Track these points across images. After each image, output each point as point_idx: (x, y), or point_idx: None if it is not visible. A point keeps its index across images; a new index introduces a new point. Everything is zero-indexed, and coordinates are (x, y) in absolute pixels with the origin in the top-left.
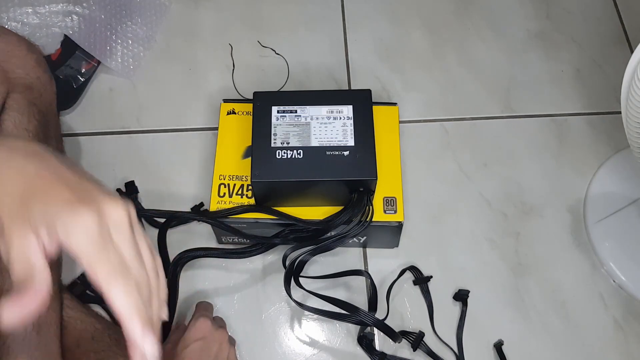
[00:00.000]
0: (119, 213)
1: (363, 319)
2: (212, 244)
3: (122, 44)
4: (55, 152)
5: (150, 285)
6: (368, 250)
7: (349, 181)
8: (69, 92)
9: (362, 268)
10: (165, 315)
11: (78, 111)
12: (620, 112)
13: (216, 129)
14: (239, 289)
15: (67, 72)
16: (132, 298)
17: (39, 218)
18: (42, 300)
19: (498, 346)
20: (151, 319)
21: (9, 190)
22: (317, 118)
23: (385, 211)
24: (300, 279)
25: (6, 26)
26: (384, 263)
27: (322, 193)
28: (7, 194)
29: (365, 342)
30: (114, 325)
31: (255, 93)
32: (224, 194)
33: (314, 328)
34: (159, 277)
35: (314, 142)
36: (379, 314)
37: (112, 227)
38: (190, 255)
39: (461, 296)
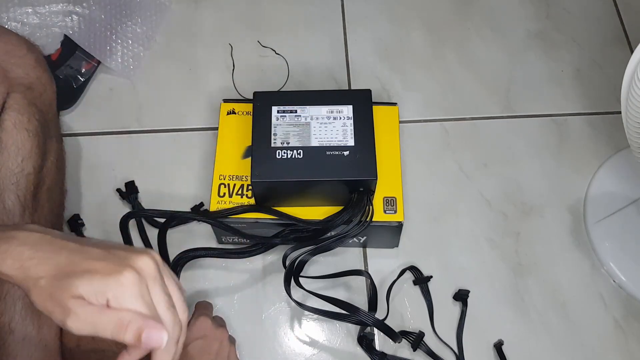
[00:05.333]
0: (148, 265)
1: (363, 319)
2: (212, 244)
3: (122, 44)
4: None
5: (182, 324)
6: (368, 250)
7: (349, 181)
8: (69, 92)
9: (362, 268)
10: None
11: (78, 111)
12: (620, 112)
13: (216, 129)
14: (239, 289)
15: (67, 72)
16: (169, 352)
17: (88, 291)
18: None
19: (498, 346)
20: (179, 351)
21: (41, 274)
22: (317, 118)
23: (385, 211)
24: (300, 279)
25: (6, 26)
26: (384, 263)
27: (322, 193)
28: (40, 277)
29: (365, 342)
30: None
31: (255, 93)
32: (224, 194)
33: (314, 328)
34: (188, 311)
35: (314, 142)
36: (379, 314)
37: (148, 280)
38: (190, 255)
39: (461, 296)
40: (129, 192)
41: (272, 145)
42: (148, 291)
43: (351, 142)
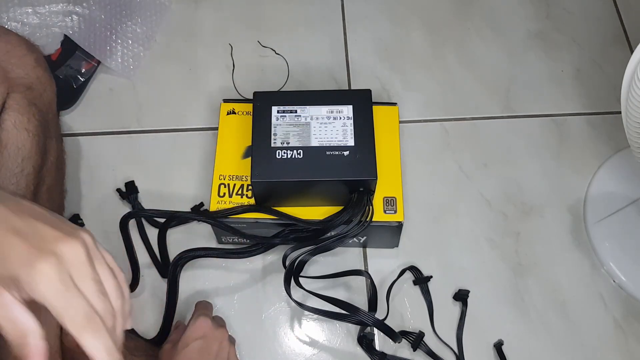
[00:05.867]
0: (75, 251)
1: (363, 319)
2: (212, 244)
3: (122, 44)
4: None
5: (115, 312)
6: (368, 250)
7: (349, 181)
8: (69, 92)
9: (362, 268)
10: (129, 326)
11: (78, 111)
12: (620, 112)
13: (216, 129)
14: (239, 289)
15: (67, 72)
16: (100, 340)
17: (3, 276)
18: (43, 353)
19: (498, 346)
20: (117, 340)
21: None
22: (317, 118)
23: (385, 211)
24: (300, 279)
25: (6, 26)
26: (384, 263)
27: (322, 193)
28: None
29: (365, 342)
30: None
31: (255, 93)
32: (224, 194)
33: (314, 328)
34: (123, 297)
35: (314, 142)
36: (379, 314)
37: (71, 268)
38: (190, 255)
39: (461, 296)
40: (129, 192)
41: (272, 145)
42: (72, 281)
43: (351, 142)
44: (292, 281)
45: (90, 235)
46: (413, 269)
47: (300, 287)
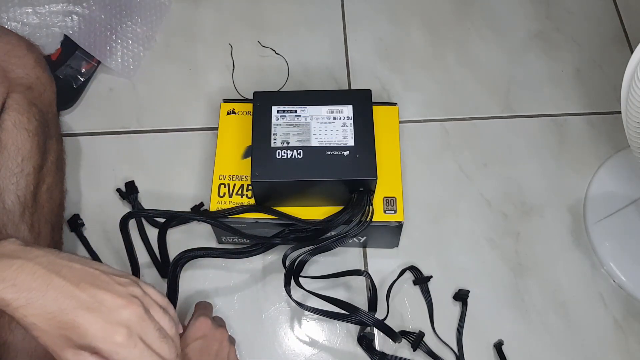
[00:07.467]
0: (137, 313)
1: (363, 319)
2: (212, 244)
3: (122, 44)
4: (54, 256)
5: (173, 340)
6: (368, 250)
7: (349, 181)
8: (69, 92)
9: (362, 268)
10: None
11: (78, 111)
12: (620, 112)
13: (216, 129)
14: (239, 289)
15: (67, 72)
16: None
17: (86, 347)
18: None
19: (498, 346)
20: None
21: (46, 329)
22: (317, 118)
23: (385, 211)
24: (300, 279)
25: (6, 26)
26: (384, 263)
27: (322, 193)
28: (46, 332)
29: (365, 342)
30: None
31: (255, 93)
32: (224, 194)
33: (314, 328)
34: (176, 327)
35: (314, 142)
36: (379, 314)
37: (138, 329)
38: (190, 255)
39: (461, 296)
40: (129, 192)
41: (272, 145)
42: (140, 338)
43: (351, 142)
44: (292, 281)
45: (138, 286)
46: (413, 269)
47: (300, 287)
